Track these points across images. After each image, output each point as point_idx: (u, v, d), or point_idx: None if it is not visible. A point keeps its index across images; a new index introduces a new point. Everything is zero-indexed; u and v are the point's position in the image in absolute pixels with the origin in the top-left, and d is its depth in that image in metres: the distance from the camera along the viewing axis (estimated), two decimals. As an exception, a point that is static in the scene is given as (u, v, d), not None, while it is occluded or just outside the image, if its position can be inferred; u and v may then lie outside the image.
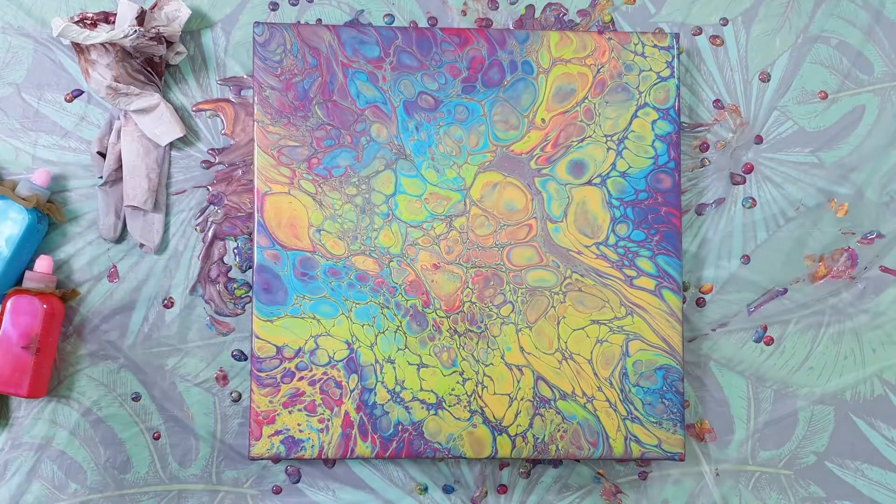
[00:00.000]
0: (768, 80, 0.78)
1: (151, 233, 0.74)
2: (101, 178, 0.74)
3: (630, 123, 0.74)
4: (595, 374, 0.72)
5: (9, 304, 0.70)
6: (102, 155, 0.74)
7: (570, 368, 0.72)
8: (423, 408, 0.71)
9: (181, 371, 0.74)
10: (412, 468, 0.75)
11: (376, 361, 0.71)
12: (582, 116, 0.73)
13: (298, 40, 0.72)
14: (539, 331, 0.72)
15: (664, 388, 0.72)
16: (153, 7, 0.73)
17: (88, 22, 0.73)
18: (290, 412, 0.70)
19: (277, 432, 0.70)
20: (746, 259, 0.77)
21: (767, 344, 0.77)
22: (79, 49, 0.72)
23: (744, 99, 0.78)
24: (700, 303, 0.77)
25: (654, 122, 0.74)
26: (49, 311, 0.70)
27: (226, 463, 0.74)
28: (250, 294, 0.74)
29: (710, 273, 0.77)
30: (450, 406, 0.71)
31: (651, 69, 0.74)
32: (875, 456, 0.77)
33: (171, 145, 0.75)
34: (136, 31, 0.70)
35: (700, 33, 0.78)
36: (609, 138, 0.73)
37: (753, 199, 0.78)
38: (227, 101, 0.76)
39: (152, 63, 0.74)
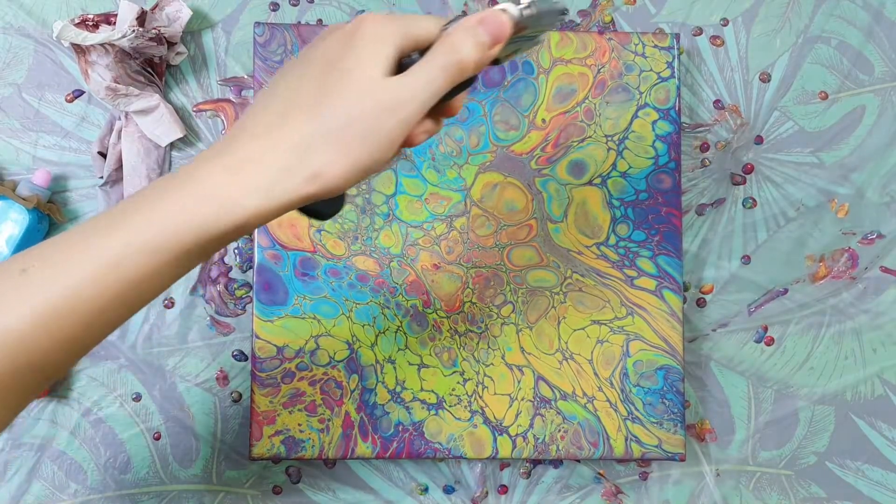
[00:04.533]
0: (768, 81, 0.78)
1: (152, 233, 0.74)
2: (102, 178, 0.74)
3: (630, 124, 0.74)
4: (595, 374, 0.72)
5: (9, 304, 0.70)
6: (103, 155, 0.74)
7: (570, 369, 0.72)
8: (423, 408, 0.71)
9: (181, 371, 0.74)
10: (413, 468, 0.75)
11: (377, 361, 0.71)
12: (582, 117, 0.73)
13: (299, 41, 0.72)
14: (539, 331, 0.72)
15: (665, 388, 0.72)
16: (154, 8, 0.73)
17: (90, 24, 0.73)
18: (290, 412, 0.70)
19: (278, 432, 0.70)
20: (747, 259, 0.77)
21: (768, 344, 0.77)
22: (79, 50, 0.73)
23: (744, 99, 0.78)
24: (700, 303, 0.77)
25: (654, 122, 0.74)
26: (49, 312, 0.70)
27: (226, 463, 0.74)
28: (251, 294, 0.74)
29: (711, 273, 0.77)
30: (450, 406, 0.71)
31: (651, 69, 0.74)
32: (876, 456, 0.77)
33: (172, 146, 0.75)
34: (133, 31, 0.70)
35: (700, 33, 0.78)
36: (609, 138, 0.73)
37: (754, 200, 0.78)
38: (228, 101, 0.76)
39: (152, 64, 0.74)
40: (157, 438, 0.74)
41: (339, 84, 0.44)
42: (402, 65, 0.46)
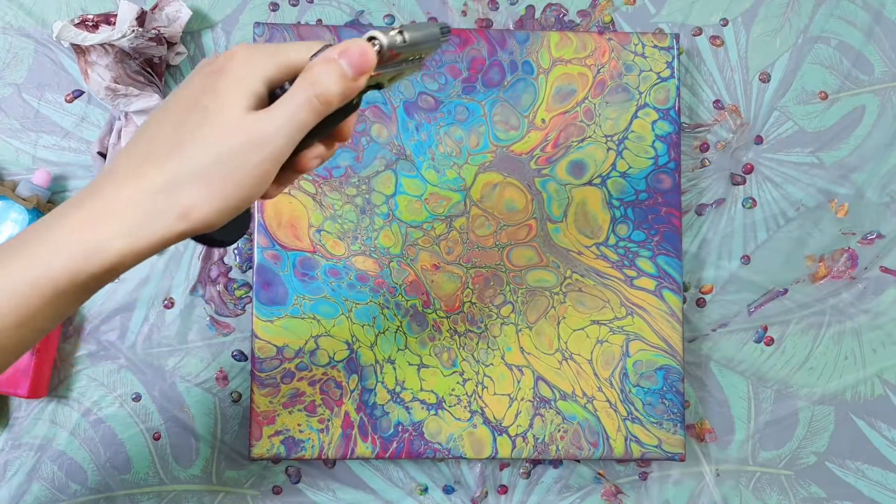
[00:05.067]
0: (768, 81, 0.78)
1: (152, 233, 0.74)
2: (102, 178, 0.74)
3: (630, 124, 0.74)
4: (595, 374, 0.72)
5: (9, 304, 0.70)
6: (103, 155, 0.74)
7: (570, 369, 0.72)
8: (423, 408, 0.71)
9: (181, 371, 0.74)
10: (412, 468, 0.75)
11: (376, 362, 0.71)
12: (582, 117, 0.73)
13: (299, 41, 0.72)
14: (539, 331, 0.72)
15: (664, 388, 0.72)
16: (154, 8, 0.73)
17: (90, 24, 0.73)
18: (290, 412, 0.70)
19: (277, 433, 0.70)
20: (747, 259, 0.77)
21: (768, 344, 0.77)
22: (79, 50, 0.73)
23: (744, 99, 0.78)
24: (700, 303, 0.77)
25: (654, 122, 0.74)
26: (49, 312, 0.70)
27: (226, 463, 0.74)
28: (250, 294, 0.74)
29: (711, 273, 0.77)
30: (450, 406, 0.71)
31: (651, 69, 0.74)
32: (875, 456, 0.77)
33: (172, 146, 0.75)
34: (133, 31, 0.70)
35: (700, 34, 0.78)
36: (609, 138, 0.73)
37: (754, 200, 0.78)
38: (228, 101, 0.76)
39: (152, 64, 0.74)
40: (157, 438, 0.74)
41: (203, 123, 0.44)
42: (273, 95, 0.46)
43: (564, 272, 0.72)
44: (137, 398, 0.74)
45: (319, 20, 0.76)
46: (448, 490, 0.75)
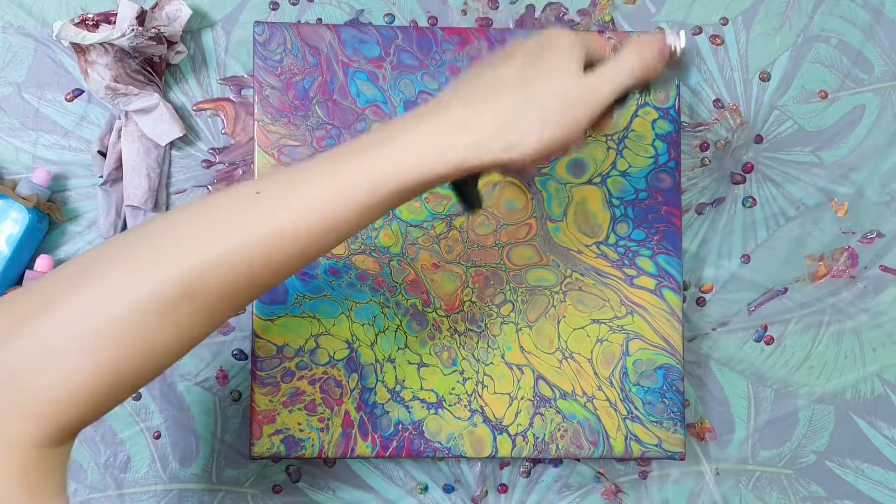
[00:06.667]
0: (768, 80, 0.78)
1: (152, 232, 0.74)
2: (102, 177, 0.74)
3: (630, 123, 0.74)
4: (595, 373, 0.72)
5: (9, 303, 0.70)
6: (103, 154, 0.74)
7: (570, 368, 0.72)
8: (423, 407, 0.71)
9: (181, 370, 0.74)
10: (412, 467, 0.75)
11: (376, 361, 0.71)
12: (582, 116, 0.73)
13: (299, 40, 0.72)
14: (539, 330, 0.72)
15: (664, 387, 0.72)
16: (154, 7, 0.73)
17: (90, 23, 0.73)
18: (290, 411, 0.70)
19: (278, 431, 0.70)
20: (747, 258, 0.78)
21: (768, 343, 0.77)
22: (78, 49, 0.73)
23: (744, 98, 0.78)
24: (700, 302, 0.77)
25: (654, 121, 0.74)
26: (49, 311, 0.70)
27: (226, 462, 0.74)
28: (250, 293, 0.74)
29: (711, 272, 0.77)
30: (450, 405, 0.71)
31: (651, 68, 0.74)
32: (875, 455, 0.77)
33: (172, 145, 0.75)
34: (133, 30, 0.70)
35: (700, 33, 0.78)
36: (609, 138, 0.73)
37: (753, 199, 0.78)
38: (228, 100, 0.76)
39: (152, 63, 0.74)
40: (157, 437, 0.74)
41: (542, 76, 0.52)
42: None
43: (564, 271, 0.72)
44: (137, 397, 0.74)
45: (319, 19, 0.76)
46: (448, 489, 0.75)
